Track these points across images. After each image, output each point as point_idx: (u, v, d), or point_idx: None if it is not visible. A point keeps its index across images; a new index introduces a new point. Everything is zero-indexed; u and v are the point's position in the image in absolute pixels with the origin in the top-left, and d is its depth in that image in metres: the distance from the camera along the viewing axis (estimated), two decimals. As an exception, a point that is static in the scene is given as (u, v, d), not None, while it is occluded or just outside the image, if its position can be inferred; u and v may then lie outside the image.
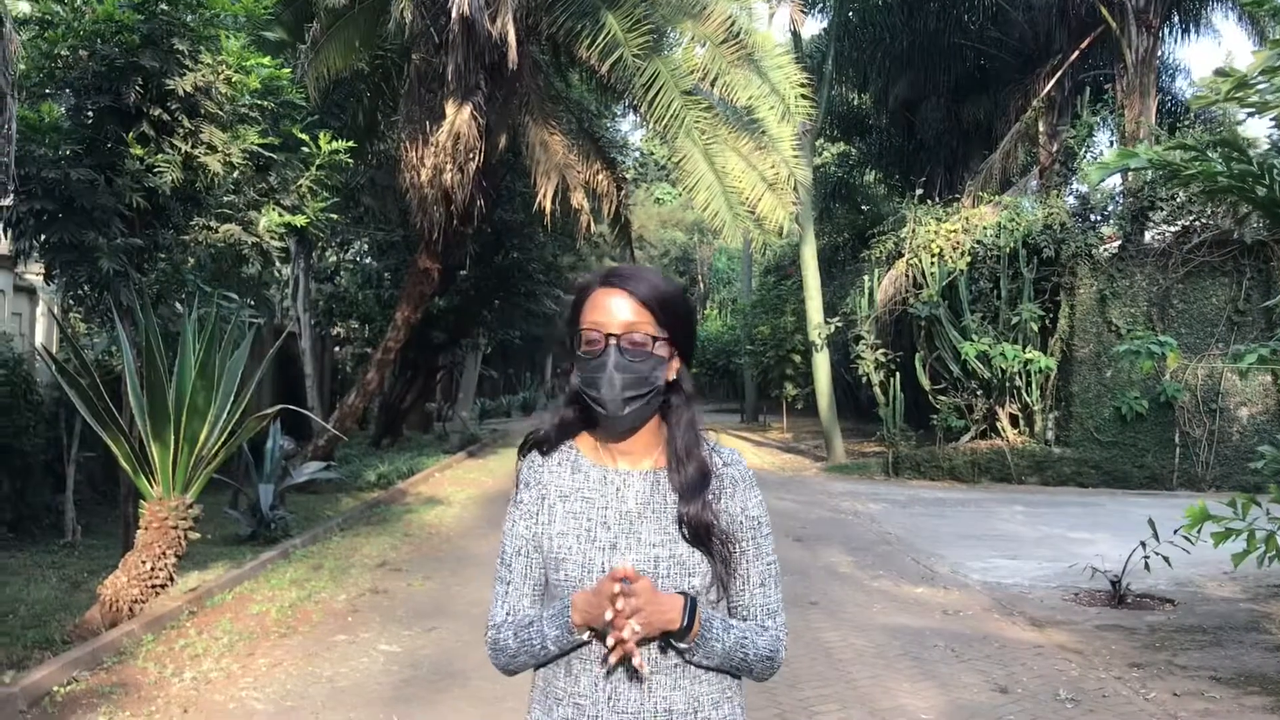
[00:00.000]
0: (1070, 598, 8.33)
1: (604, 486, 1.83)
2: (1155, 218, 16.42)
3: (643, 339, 1.77)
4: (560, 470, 1.86)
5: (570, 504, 1.82)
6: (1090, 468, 16.23)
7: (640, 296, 1.79)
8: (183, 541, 6.71)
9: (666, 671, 1.77)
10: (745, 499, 1.85)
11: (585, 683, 1.78)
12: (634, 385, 1.76)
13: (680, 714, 1.77)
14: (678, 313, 1.82)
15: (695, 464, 1.81)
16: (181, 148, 7.93)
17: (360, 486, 13.74)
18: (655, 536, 1.79)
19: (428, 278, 14.23)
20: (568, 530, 1.80)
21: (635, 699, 1.76)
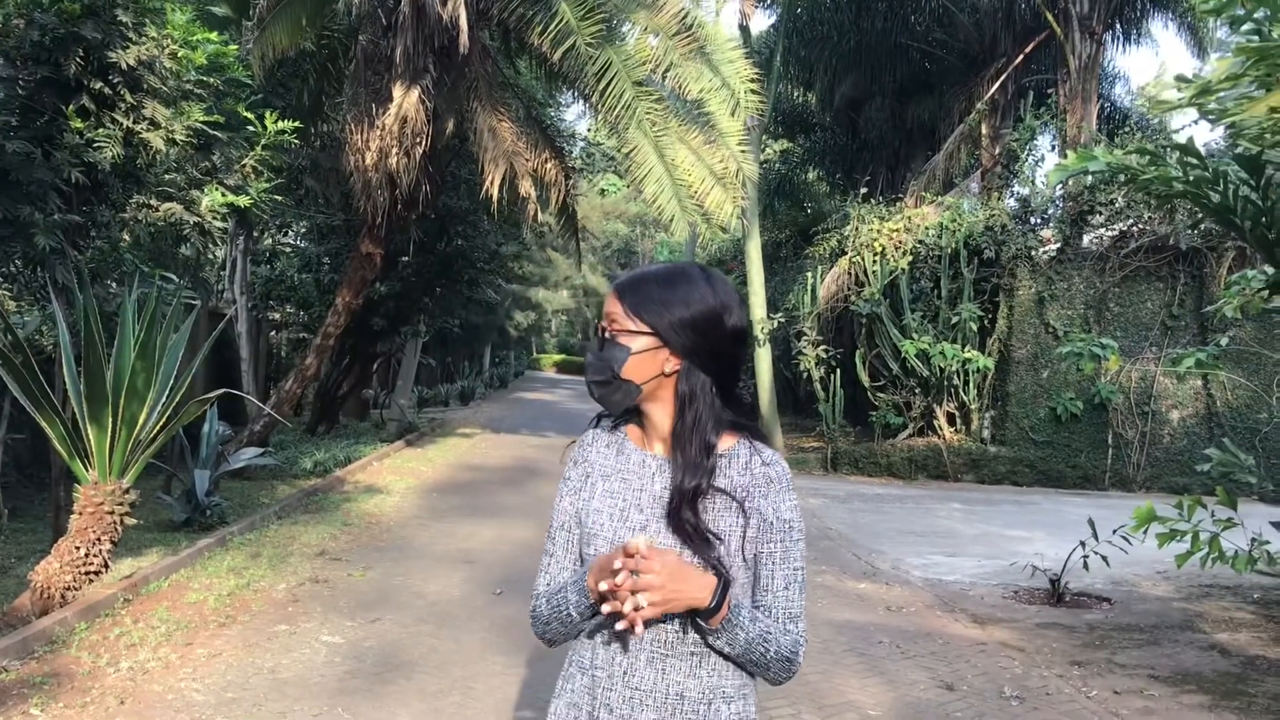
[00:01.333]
0: (1010, 595, 8.43)
1: (641, 469, 1.88)
2: (1094, 221, 16.68)
3: (606, 330, 1.86)
4: (607, 452, 1.94)
5: (610, 483, 1.89)
6: (1025, 466, 16.46)
7: (616, 288, 1.89)
8: (119, 527, 6.51)
9: (683, 657, 1.79)
10: (778, 500, 1.86)
11: (604, 656, 1.83)
12: (595, 370, 1.87)
13: (693, 701, 1.79)
14: (667, 309, 1.84)
15: (692, 472, 1.82)
16: (123, 123, 7.70)
17: (296, 474, 13.51)
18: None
19: (370, 263, 14.02)
20: (603, 508, 1.87)
21: (649, 678, 1.79)
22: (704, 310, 1.85)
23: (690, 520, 1.79)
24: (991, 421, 17.05)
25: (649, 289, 1.87)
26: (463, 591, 7.61)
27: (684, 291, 1.86)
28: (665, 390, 1.88)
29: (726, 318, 1.87)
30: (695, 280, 1.88)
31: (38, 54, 7.55)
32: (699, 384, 1.86)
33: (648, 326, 1.84)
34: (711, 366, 1.87)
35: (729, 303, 1.89)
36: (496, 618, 6.84)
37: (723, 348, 1.88)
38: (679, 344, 1.85)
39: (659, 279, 1.89)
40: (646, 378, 1.86)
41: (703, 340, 1.86)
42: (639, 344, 1.84)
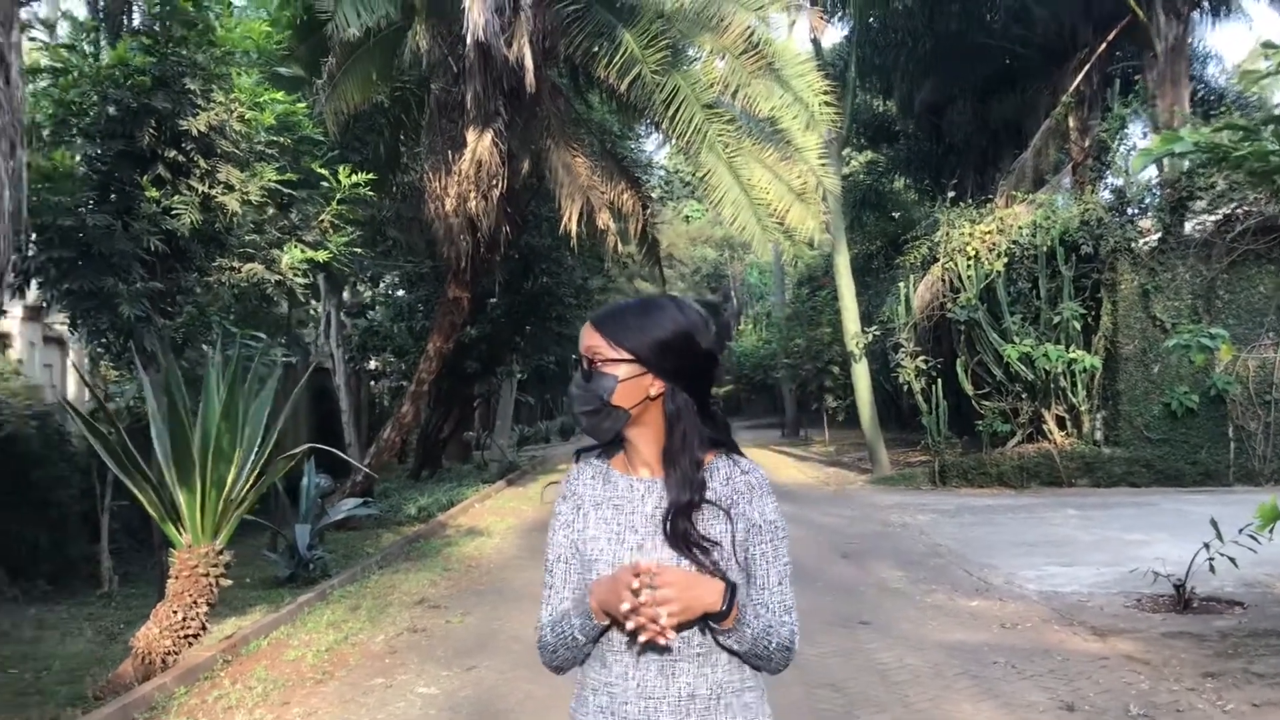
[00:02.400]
0: (1132, 604, 8.01)
1: (630, 494, 1.98)
2: (1195, 207, 16.00)
3: (589, 362, 1.95)
4: (594, 483, 2.03)
5: (602, 511, 1.99)
6: (1142, 467, 15.81)
7: (594, 322, 1.98)
8: (214, 589, 6.56)
9: (690, 659, 1.89)
10: (762, 505, 1.96)
11: (616, 671, 1.91)
12: (582, 401, 1.95)
13: (703, 699, 1.89)
14: (643, 337, 1.93)
15: (684, 487, 1.92)
16: (198, 188, 7.84)
17: (400, 521, 13.61)
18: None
19: (457, 307, 14.11)
20: (599, 534, 1.97)
21: (660, 685, 1.89)
22: (679, 333, 1.95)
23: (686, 531, 1.89)
24: (1103, 422, 16.44)
25: (626, 319, 1.97)
26: (561, 633, 7.50)
27: (658, 318, 1.96)
28: (649, 414, 1.96)
29: (700, 339, 1.96)
30: (666, 307, 1.99)
31: (113, 129, 7.74)
32: (683, 403, 1.95)
33: (629, 353, 1.93)
34: (690, 386, 1.96)
35: (700, 325, 1.98)
36: (594, 658, 6.71)
37: (699, 367, 1.97)
38: (660, 367, 1.94)
39: (633, 309, 1.99)
40: (634, 402, 1.94)
41: (681, 362, 1.95)
42: (624, 371, 1.93)
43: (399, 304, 19.06)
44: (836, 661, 6.53)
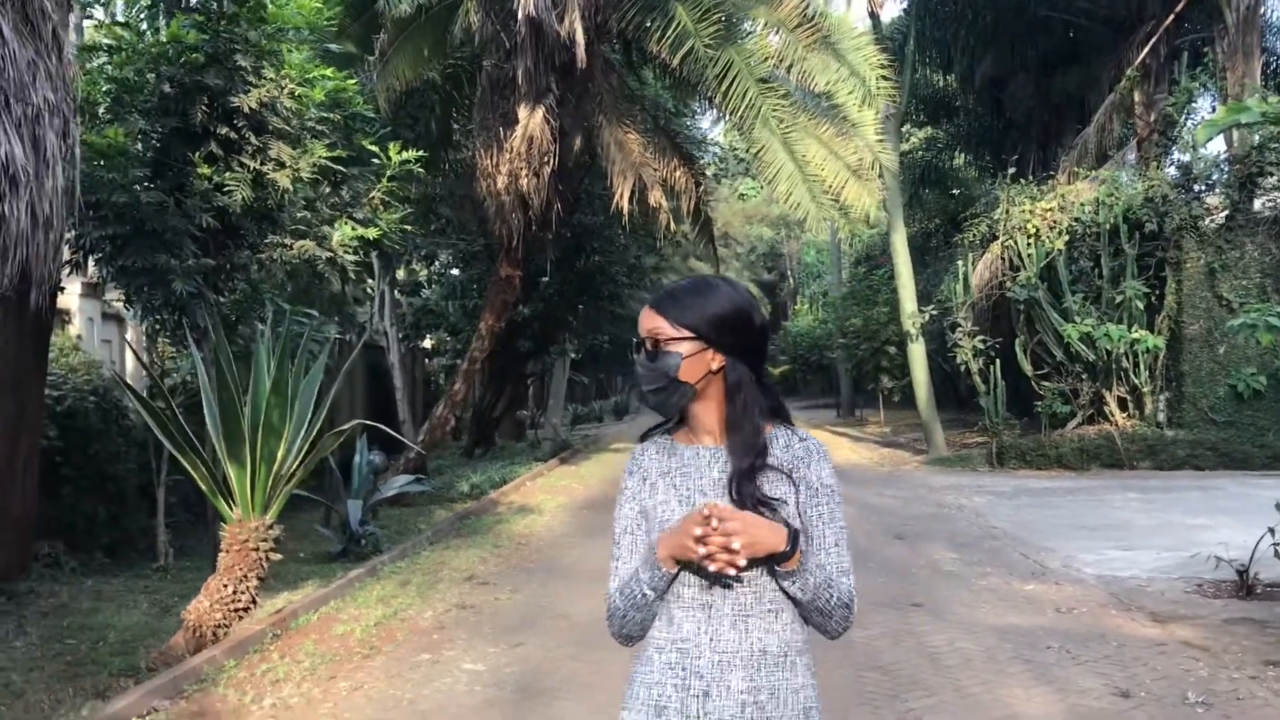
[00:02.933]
0: (1193, 589, 7.81)
1: (696, 461, 2.08)
2: (1265, 184, 15.52)
3: (652, 342, 2.05)
4: (659, 457, 2.13)
5: (671, 479, 2.08)
6: (1206, 450, 15.44)
7: (653, 305, 2.09)
8: (264, 563, 6.60)
9: (761, 616, 1.97)
10: (820, 469, 2.07)
11: (688, 628, 1.98)
12: (650, 380, 2.06)
13: (774, 655, 1.97)
14: (702, 315, 2.05)
15: (746, 453, 2.02)
16: (250, 165, 7.88)
17: (453, 498, 13.68)
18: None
19: (509, 285, 14.11)
20: (670, 499, 2.06)
21: (734, 639, 1.96)
22: (735, 309, 2.06)
23: (751, 491, 1.98)
24: (1167, 404, 16.07)
25: (684, 299, 2.07)
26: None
27: (714, 296, 2.08)
28: (711, 388, 2.07)
29: (754, 315, 2.09)
30: (720, 286, 2.11)
31: (166, 106, 7.79)
32: (743, 374, 2.06)
33: (690, 331, 2.03)
34: (748, 360, 2.08)
35: (753, 302, 2.12)
36: (641, 637, 6.66)
37: (754, 342, 2.09)
38: (719, 342, 2.04)
39: (689, 290, 2.10)
40: (697, 377, 2.05)
41: (738, 336, 2.06)
42: (686, 348, 2.03)
43: (452, 282, 19.12)
44: (886, 643, 6.43)
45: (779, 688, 1.97)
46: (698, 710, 1.95)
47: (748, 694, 1.95)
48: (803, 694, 2.00)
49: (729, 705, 1.94)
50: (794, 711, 1.98)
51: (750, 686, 1.95)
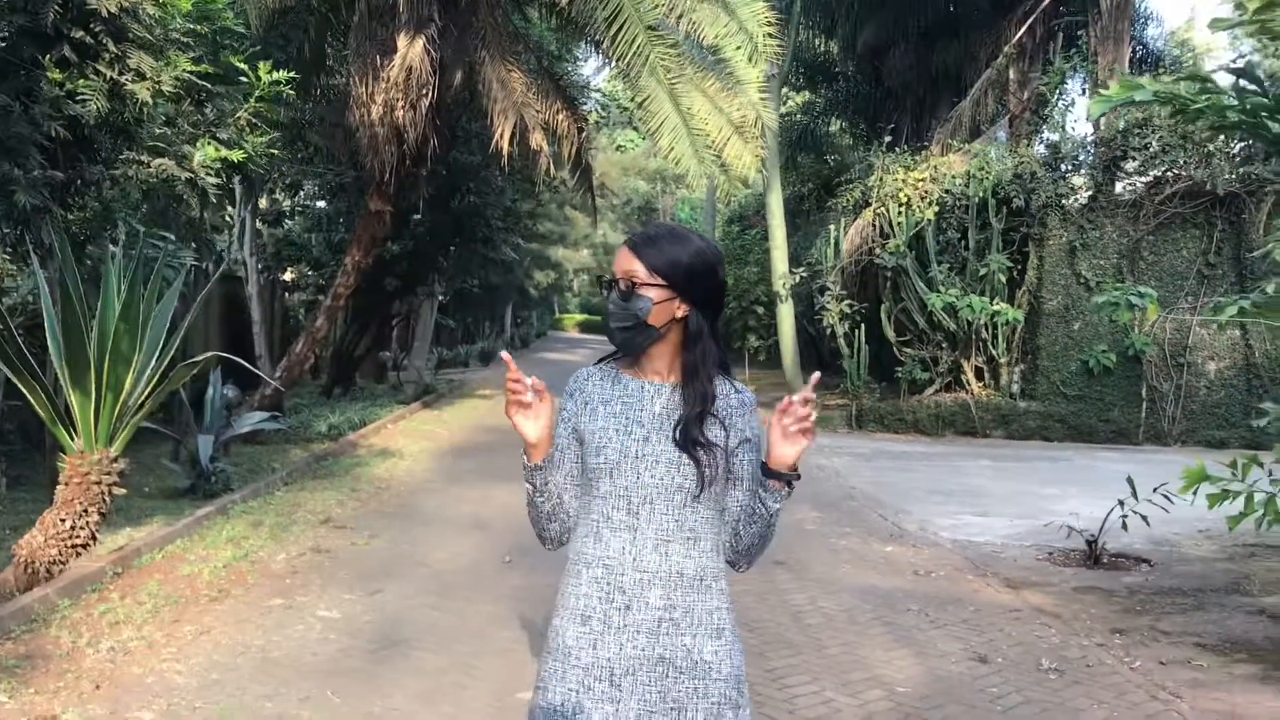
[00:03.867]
0: (1044, 557, 8.05)
1: (640, 394, 2.22)
2: (1127, 168, 16.06)
3: (626, 283, 2.16)
4: (603, 383, 2.27)
5: (611, 406, 2.22)
6: (1056, 421, 16.02)
7: (632, 248, 2.20)
8: (107, 498, 6.21)
9: (681, 542, 2.13)
10: (752, 420, 2.24)
11: (615, 548, 2.13)
12: (620, 319, 2.18)
13: (690, 578, 2.13)
14: (677, 265, 2.17)
15: (699, 398, 2.16)
16: (107, 74, 7.32)
17: (310, 437, 13.24)
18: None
19: (379, 220, 13.64)
20: (608, 425, 2.18)
21: (654, 561, 2.12)
22: (705, 264, 2.20)
23: (695, 435, 2.13)
24: (1021, 376, 16.59)
25: (664, 246, 2.19)
26: (471, 560, 7.29)
27: (690, 249, 2.20)
28: (671, 333, 2.20)
29: (720, 270, 2.24)
30: (694, 238, 2.24)
31: (14, 3, 7.18)
32: (704, 326, 2.20)
33: (664, 279, 2.16)
34: (708, 312, 2.22)
35: (721, 258, 2.26)
36: (504, 588, 6.53)
37: (716, 295, 2.24)
38: (687, 293, 2.18)
39: (668, 239, 2.21)
40: (663, 322, 2.18)
41: (704, 290, 2.20)
42: (658, 294, 2.16)
43: (317, 214, 18.44)
44: (751, 600, 6.43)
45: (693, 607, 2.13)
46: (619, 621, 2.12)
47: (664, 610, 2.11)
48: (716, 615, 2.16)
49: (646, 619, 2.11)
50: (706, 630, 2.14)
51: (666, 604, 2.11)
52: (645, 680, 2.11)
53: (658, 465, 2.14)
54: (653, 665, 2.11)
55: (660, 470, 2.13)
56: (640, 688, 2.11)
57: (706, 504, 2.16)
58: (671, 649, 2.12)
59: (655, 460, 2.14)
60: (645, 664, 2.11)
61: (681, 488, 2.13)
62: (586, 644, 2.14)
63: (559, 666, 2.16)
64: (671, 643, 2.12)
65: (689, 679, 2.12)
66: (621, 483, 2.15)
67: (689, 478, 2.13)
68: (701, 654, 2.13)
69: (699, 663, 2.13)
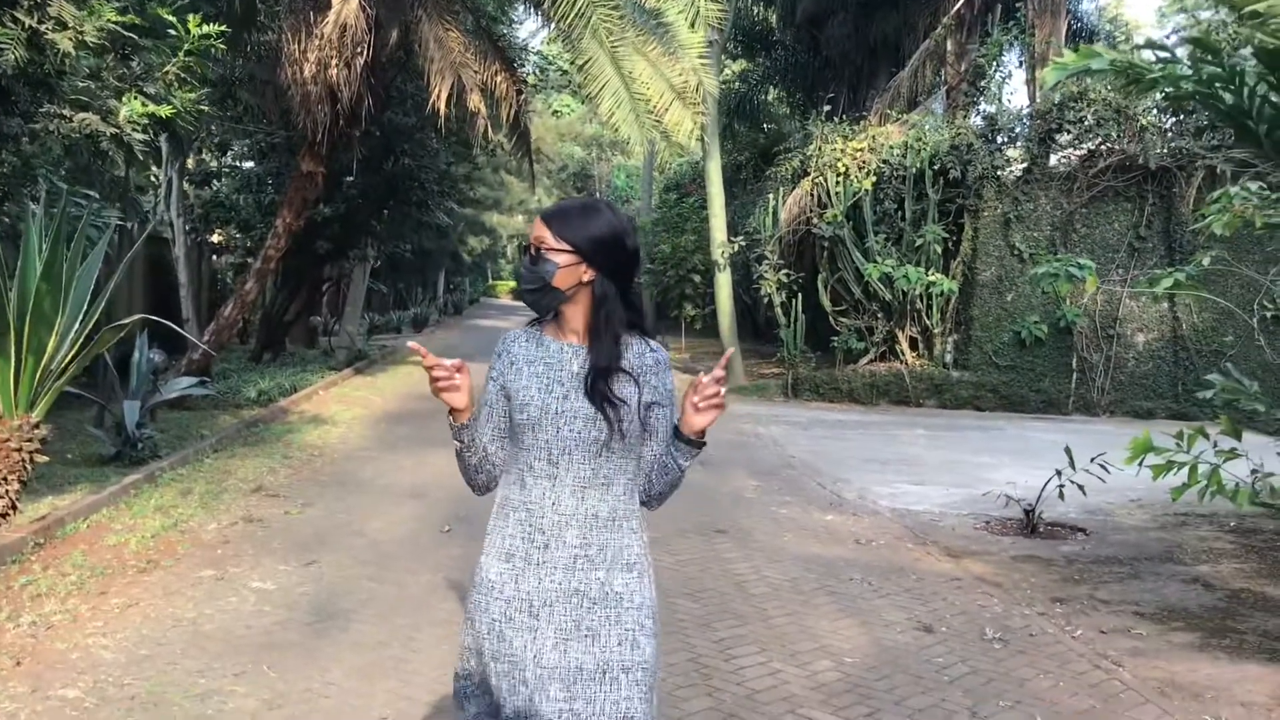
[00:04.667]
0: (982, 526, 8.11)
1: (560, 355, 2.39)
2: (1061, 140, 16.20)
3: (535, 249, 2.35)
4: (528, 345, 2.43)
5: (534, 366, 2.38)
6: (988, 391, 16.19)
7: (543, 217, 2.40)
8: (27, 466, 5.98)
9: (595, 487, 2.33)
10: (665, 378, 2.43)
11: (536, 493, 2.33)
12: (529, 281, 2.38)
13: (604, 519, 2.33)
14: (584, 233, 2.34)
15: (605, 354, 2.34)
16: (25, 22, 6.99)
17: (239, 404, 12.93)
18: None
19: (311, 182, 13.31)
20: (530, 384, 2.36)
21: (571, 505, 2.31)
22: (611, 233, 2.36)
23: (604, 390, 2.32)
24: (954, 346, 16.75)
25: (570, 217, 2.38)
26: (409, 529, 7.15)
27: (596, 219, 2.37)
28: (581, 296, 2.37)
29: (627, 240, 2.39)
30: (604, 210, 2.41)
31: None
32: (609, 290, 2.36)
33: (570, 246, 2.33)
34: (615, 277, 2.38)
35: (628, 229, 2.41)
36: (443, 559, 6.40)
37: (624, 262, 2.39)
38: (592, 259, 2.34)
39: (577, 209, 2.41)
40: (569, 285, 2.35)
41: (610, 257, 2.36)
42: (564, 260, 2.33)
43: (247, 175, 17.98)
44: (694, 570, 6.38)
45: (607, 544, 2.33)
46: (539, 558, 2.32)
47: (579, 548, 2.32)
48: (627, 551, 2.36)
49: (563, 556, 2.31)
50: (618, 564, 2.34)
51: (582, 542, 2.32)
52: (562, 611, 2.31)
53: (575, 420, 2.32)
54: (568, 597, 2.31)
55: (578, 425, 2.32)
56: (557, 617, 2.31)
57: (620, 453, 2.36)
58: (585, 582, 2.32)
59: (574, 416, 2.32)
60: (562, 596, 2.31)
61: (596, 440, 2.32)
62: (509, 579, 2.34)
63: (483, 599, 2.37)
64: (585, 576, 2.32)
65: (601, 608, 2.32)
66: (543, 436, 2.33)
67: (603, 431, 2.32)
68: (613, 585, 2.33)
69: (610, 593, 2.33)
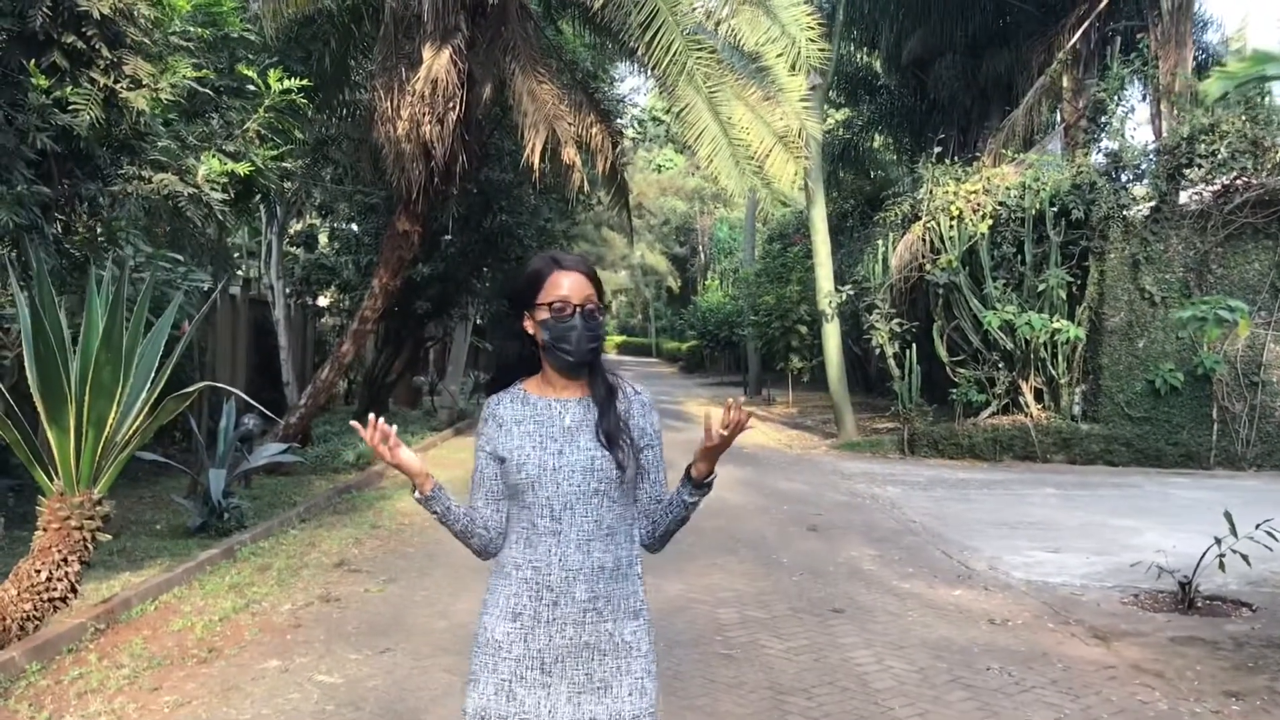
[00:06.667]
0: (1131, 601, 7.24)
1: (549, 411, 2.44)
2: (1192, 176, 15.14)
3: (594, 307, 2.43)
4: (513, 405, 2.47)
5: (524, 425, 2.43)
6: (1121, 445, 15.10)
7: (587, 275, 2.47)
8: (89, 545, 5.60)
9: (600, 539, 2.36)
10: (652, 418, 2.52)
11: (541, 551, 2.35)
12: (594, 340, 2.44)
13: (610, 570, 2.37)
14: (602, 287, 2.50)
15: (607, 389, 2.46)
16: (101, 81, 6.76)
17: (337, 467, 12.66)
18: (589, 442, 2.40)
19: (407, 241, 13.05)
20: (524, 443, 2.40)
21: (578, 559, 2.34)
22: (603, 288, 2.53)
23: (610, 427, 2.39)
24: (1082, 397, 15.70)
25: (597, 275, 2.47)
26: (494, 609, 6.59)
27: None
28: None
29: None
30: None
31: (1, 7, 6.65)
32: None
33: (600, 298, 2.46)
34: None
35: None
36: (530, 643, 5.81)
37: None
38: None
39: (592, 264, 2.52)
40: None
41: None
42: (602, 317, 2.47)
43: (346, 236, 17.92)
44: (807, 660, 5.68)
45: (614, 595, 2.36)
46: (548, 616, 2.32)
47: (588, 602, 2.32)
48: (633, 599, 2.40)
49: (573, 611, 2.31)
50: (625, 613, 2.37)
51: (590, 596, 2.32)
52: (573, 665, 2.32)
53: (574, 474, 2.35)
54: (579, 651, 2.32)
55: (577, 478, 2.35)
56: (569, 672, 2.31)
57: (620, 500, 2.40)
58: (596, 635, 2.33)
59: (572, 470, 2.35)
60: (573, 651, 2.32)
61: (597, 491, 2.36)
62: (518, 637, 2.33)
63: (489, 660, 2.35)
64: (595, 630, 2.33)
65: (612, 659, 2.34)
66: (543, 493, 2.34)
67: (603, 481, 2.36)
68: (622, 635, 2.36)
69: (620, 644, 2.36)
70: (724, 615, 6.60)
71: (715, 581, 7.35)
